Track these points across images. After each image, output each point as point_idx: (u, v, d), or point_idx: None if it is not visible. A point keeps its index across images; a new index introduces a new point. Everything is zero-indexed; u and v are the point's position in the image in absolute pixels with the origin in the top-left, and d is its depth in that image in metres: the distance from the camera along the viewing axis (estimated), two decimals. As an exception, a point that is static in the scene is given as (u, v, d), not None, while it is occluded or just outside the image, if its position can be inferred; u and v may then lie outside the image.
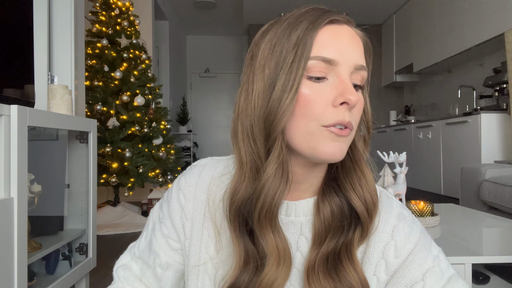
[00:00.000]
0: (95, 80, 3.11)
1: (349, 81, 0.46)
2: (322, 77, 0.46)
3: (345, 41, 0.46)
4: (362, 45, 0.49)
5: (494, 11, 3.33)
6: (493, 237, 1.39)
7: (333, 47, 0.45)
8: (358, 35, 0.49)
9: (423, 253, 0.51)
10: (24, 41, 1.50)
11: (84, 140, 1.66)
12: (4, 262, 1.01)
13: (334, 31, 0.46)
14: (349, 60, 0.46)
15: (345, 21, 0.48)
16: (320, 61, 0.45)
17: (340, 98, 0.45)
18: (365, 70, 0.48)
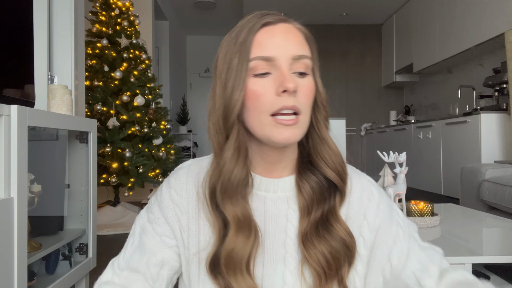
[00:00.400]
0: (95, 80, 3.11)
1: (288, 71, 0.53)
2: (266, 73, 0.53)
3: (279, 38, 0.54)
4: (301, 37, 0.56)
5: (494, 11, 3.33)
6: (493, 237, 1.39)
7: (269, 45, 0.53)
8: (296, 29, 0.56)
9: (397, 210, 0.64)
10: (24, 41, 1.50)
11: (84, 140, 1.66)
12: (4, 262, 1.01)
13: (269, 31, 0.54)
14: (286, 54, 0.53)
15: (280, 20, 0.56)
16: (260, 60, 0.53)
17: (280, 87, 0.52)
18: (306, 58, 0.55)
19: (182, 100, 6.44)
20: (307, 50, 0.56)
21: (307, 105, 0.55)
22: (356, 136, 6.00)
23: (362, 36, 6.10)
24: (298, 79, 0.54)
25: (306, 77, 0.55)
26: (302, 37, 0.57)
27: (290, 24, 0.57)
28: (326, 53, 6.10)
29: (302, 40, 0.56)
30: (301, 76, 0.55)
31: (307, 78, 0.56)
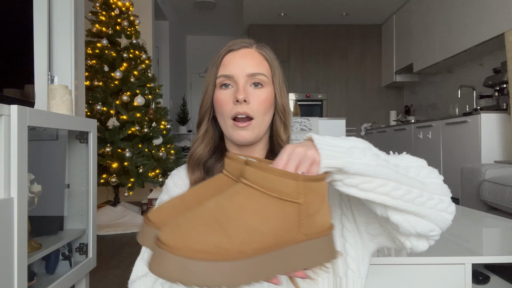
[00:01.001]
0: (95, 80, 3.11)
1: (242, 85, 0.69)
2: (227, 85, 0.71)
3: (237, 60, 0.71)
4: (259, 59, 0.73)
5: (494, 11, 3.33)
6: (493, 237, 1.39)
7: (230, 66, 0.71)
8: (256, 52, 0.73)
9: None
10: (24, 41, 1.50)
11: (84, 140, 1.66)
12: (4, 262, 1.01)
13: (231, 56, 0.72)
14: (242, 72, 0.70)
15: (243, 47, 0.73)
16: (222, 77, 0.71)
17: (235, 98, 0.69)
18: (261, 75, 0.71)
19: (182, 100, 6.44)
20: (263, 68, 0.72)
21: (260, 111, 0.70)
22: (356, 136, 6.00)
23: (362, 36, 6.10)
24: (253, 90, 0.70)
25: (262, 88, 0.71)
26: (261, 58, 0.73)
27: (252, 49, 0.74)
28: (326, 53, 6.10)
29: (259, 61, 0.72)
30: (257, 88, 0.71)
31: (262, 89, 0.71)
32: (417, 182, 0.56)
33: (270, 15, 5.71)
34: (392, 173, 0.54)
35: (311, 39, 6.09)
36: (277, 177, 0.46)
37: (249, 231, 0.44)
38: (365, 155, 0.53)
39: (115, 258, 2.29)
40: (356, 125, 5.99)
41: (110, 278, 1.95)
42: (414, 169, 0.58)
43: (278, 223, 0.46)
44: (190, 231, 0.43)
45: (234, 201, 0.46)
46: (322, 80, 6.08)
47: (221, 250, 0.42)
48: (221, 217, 0.44)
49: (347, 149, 0.53)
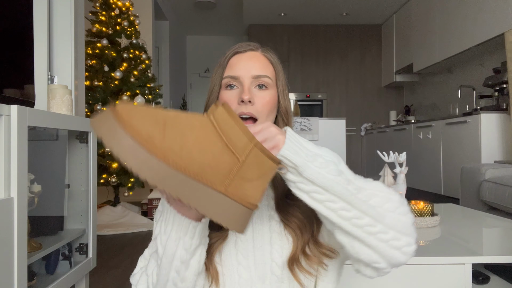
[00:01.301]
0: (95, 80, 3.11)
1: (247, 86, 0.70)
2: (233, 86, 0.72)
3: (243, 62, 0.73)
4: (264, 61, 0.74)
5: (494, 11, 3.33)
6: (493, 237, 1.39)
7: (235, 68, 0.72)
8: (262, 55, 0.75)
9: None
10: (24, 41, 1.50)
11: (84, 140, 1.66)
12: (4, 262, 1.01)
13: (237, 58, 0.74)
14: (248, 73, 0.71)
15: (249, 49, 0.74)
16: (228, 78, 0.72)
17: (239, 98, 0.70)
18: (266, 77, 0.72)
19: (182, 100, 6.45)
20: (268, 71, 0.73)
21: (264, 112, 0.71)
22: (356, 136, 6.00)
23: (362, 36, 6.10)
24: (258, 92, 0.71)
25: (266, 90, 0.72)
26: (266, 61, 0.75)
27: (258, 52, 0.75)
28: (326, 53, 6.10)
29: (264, 63, 0.74)
30: (261, 89, 0.72)
31: (266, 91, 0.72)
32: (373, 211, 0.55)
33: (270, 15, 5.71)
34: (346, 193, 0.54)
35: (311, 39, 6.09)
36: (237, 128, 0.49)
37: (182, 147, 0.47)
38: (327, 167, 0.54)
39: (115, 258, 2.29)
40: (356, 125, 5.99)
41: (110, 278, 1.95)
42: (378, 199, 0.57)
43: (210, 161, 0.48)
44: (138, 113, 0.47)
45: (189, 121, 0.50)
46: (322, 80, 6.08)
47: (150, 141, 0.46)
48: (169, 122, 0.48)
49: (312, 154, 0.54)
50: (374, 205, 0.56)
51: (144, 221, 3.19)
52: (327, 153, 0.56)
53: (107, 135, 0.46)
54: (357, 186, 0.56)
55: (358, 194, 0.55)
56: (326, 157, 0.55)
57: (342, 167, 0.56)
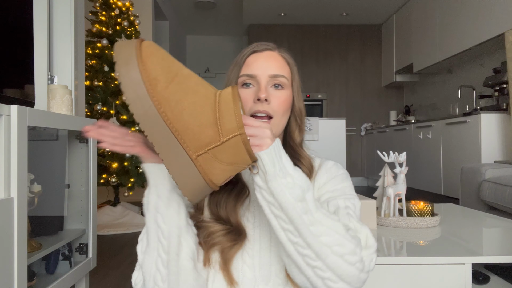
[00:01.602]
0: (95, 80, 3.11)
1: (264, 85, 0.71)
2: (249, 84, 0.73)
3: (261, 62, 0.73)
4: (281, 62, 0.75)
5: (494, 11, 3.33)
6: (493, 237, 1.39)
7: (253, 67, 0.73)
8: (279, 55, 0.75)
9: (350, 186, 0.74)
10: (24, 41, 1.50)
11: (84, 140, 1.66)
12: (4, 262, 1.01)
13: (255, 57, 0.74)
14: (265, 73, 0.72)
15: (266, 49, 0.75)
16: (245, 76, 0.73)
17: (256, 96, 0.70)
18: (282, 77, 0.73)
19: (182, 100, 6.44)
20: (285, 71, 0.74)
21: (279, 112, 0.72)
22: (356, 136, 6.00)
23: (362, 36, 6.10)
24: (274, 91, 0.72)
25: (282, 90, 0.73)
26: (283, 61, 0.75)
27: (275, 52, 0.76)
28: (326, 53, 6.10)
29: (281, 64, 0.75)
30: (277, 89, 0.73)
31: (282, 91, 0.73)
32: (319, 247, 0.56)
33: (270, 15, 5.71)
34: (299, 221, 0.55)
35: (311, 39, 6.09)
36: (232, 112, 0.52)
37: (177, 103, 0.51)
38: (292, 188, 0.55)
39: (115, 258, 2.29)
40: (356, 125, 5.99)
41: (110, 278, 1.95)
42: (330, 239, 0.57)
43: (195, 127, 0.51)
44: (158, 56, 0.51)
45: (196, 86, 0.53)
46: (322, 80, 6.08)
47: (153, 84, 0.50)
48: (179, 77, 0.52)
49: (285, 171, 0.55)
50: (322, 242, 0.56)
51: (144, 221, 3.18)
52: (300, 178, 0.57)
53: (122, 61, 0.50)
54: (314, 219, 0.56)
55: (311, 227, 0.56)
56: (296, 180, 0.56)
57: (308, 196, 0.56)
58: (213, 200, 0.70)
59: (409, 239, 1.26)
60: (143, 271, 0.66)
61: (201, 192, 0.54)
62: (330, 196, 0.70)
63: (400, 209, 1.45)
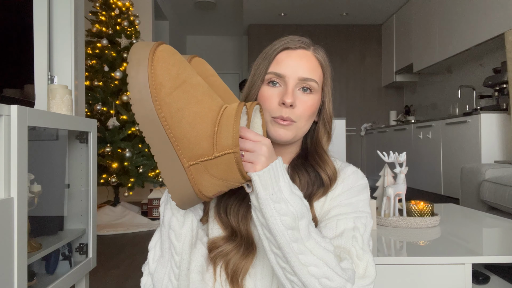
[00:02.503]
0: (95, 80, 3.11)
1: (292, 88, 0.66)
2: (276, 83, 0.68)
3: (292, 61, 0.68)
4: (314, 63, 0.70)
5: (494, 11, 3.33)
6: (493, 237, 1.39)
7: (283, 65, 0.68)
8: (313, 56, 0.71)
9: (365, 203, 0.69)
10: (24, 41, 1.50)
11: (84, 140, 1.66)
12: (4, 262, 1.01)
13: (287, 54, 0.69)
14: (294, 74, 0.67)
15: (300, 47, 0.71)
16: (273, 75, 0.68)
17: (281, 99, 0.66)
18: (313, 81, 0.68)
19: (182, 100, 6.44)
20: (316, 75, 0.69)
21: (304, 117, 0.68)
22: (356, 136, 6.00)
23: (362, 36, 6.10)
24: (301, 95, 0.68)
25: (310, 95, 0.68)
26: (316, 63, 0.71)
27: (309, 51, 0.71)
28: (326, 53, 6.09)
29: (314, 65, 0.70)
30: (305, 93, 0.68)
31: (310, 96, 0.68)
32: (306, 277, 0.55)
33: (270, 15, 5.71)
34: (287, 249, 0.54)
35: (311, 39, 6.07)
36: (231, 129, 0.51)
37: (178, 110, 0.51)
38: (284, 215, 0.53)
39: (115, 258, 2.29)
40: (356, 125, 5.99)
41: (110, 278, 1.95)
42: (318, 270, 0.55)
43: (191, 137, 0.52)
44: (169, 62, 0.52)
45: (202, 96, 0.53)
46: (322, 80, 6.08)
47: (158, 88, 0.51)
48: (186, 85, 0.52)
49: (279, 196, 0.53)
50: (310, 273, 0.54)
51: (144, 221, 3.19)
52: (296, 203, 0.54)
53: (134, 62, 0.51)
54: (304, 248, 0.55)
55: (300, 255, 0.54)
56: (291, 206, 0.53)
57: (302, 223, 0.54)
58: (223, 206, 0.67)
59: (409, 239, 1.26)
60: (154, 280, 0.64)
61: (189, 200, 0.54)
62: (340, 213, 0.66)
63: (400, 209, 1.45)
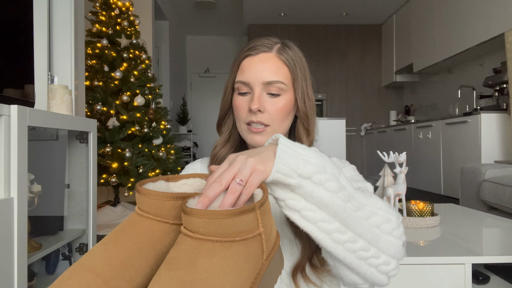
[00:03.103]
0: (95, 80, 3.11)
1: (258, 94, 0.67)
2: (245, 92, 0.69)
3: (254, 67, 0.67)
4: (278, 65, 0.68)
5: (494, 11, 3.33)
6: (493, 237, 1.39)
7: (246, 73, 0.68)
8: (276, 57, 0.69)
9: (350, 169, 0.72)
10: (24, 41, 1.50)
11: (84, 140, 1.66)
12: (4, 262, 1.01)
13: (248, 61, 0.69)
14: (258, 80, 0.67)
15: (262, 51, 0.69)
16: (240, 83, 0.69)
17: (248, 107, 0.68)
18: (277, 83, 0.67)
19: (182, 100, 6.44)
20: (281, 75, 0.68)
21: (277, 119, 0.68)
22: (356, 136, 6.00)
23: (362, 36, 6.10)
24: (269, 99, 0.68)
25: (279, 97, 0.68)
26: (280, 63, 0.69)
27: (272, 53, 0.69)
28: (326, 53, 6.09)
29: (277, 67, 0.68)
30: (273, 97, 0.68)
31: (280, 98, 0.68)
32: (370, 233, 0.50)
33: (270, 15, 5.71)
34: (343, 213, 0.48)
35: (311, 39, 6.09)
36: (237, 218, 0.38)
37: None
38: (326, 182, 0.47)
39: (115, 258, 2.28)
40: (356, 125, 5.99)
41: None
42: (378, 218, 0.51)
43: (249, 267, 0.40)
44: None
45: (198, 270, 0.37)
46: (322, 80, 6.08)
47: None
48: None
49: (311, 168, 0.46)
50: (371, 225, 0.50)
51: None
52: (325, 163, 0.48)
53: None
54: (357, 203, 0.50)
55: (357, 212, 0.49)
56: (326, 169, 0.47)
57: (342, 179, 0.49)
58: None
59: (409, 239, 1.26)
60: None
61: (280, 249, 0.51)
62: None
63: (400, 209, 1.45)
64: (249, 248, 0.40)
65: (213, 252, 0.38)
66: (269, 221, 0.43)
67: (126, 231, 0.44)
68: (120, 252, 0.42)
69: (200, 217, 0.37)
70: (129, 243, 0.43)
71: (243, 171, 0.43)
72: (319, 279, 0.64)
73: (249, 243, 0.40)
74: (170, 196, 0.43)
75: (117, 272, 0.41)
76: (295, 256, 0.64)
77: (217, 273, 0.37)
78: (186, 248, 0.38)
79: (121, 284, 0.41)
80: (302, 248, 0.63)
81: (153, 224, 0.44)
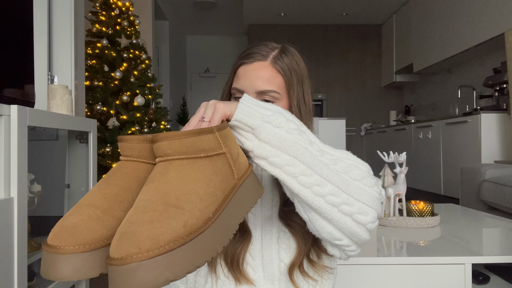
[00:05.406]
0: (95, 80, 3.11)
1: None
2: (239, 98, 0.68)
3: (248, 75, 0.68)
4: (272, 73, 0.68)
5: (494, 11, 3.33)
6: (493, 237, 1.39)
7: (241, 81, 0.68)
8: (270, 66, 0.68)
9: None
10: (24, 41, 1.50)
11: (84, 140, 1.66)
12: (4, 262, 1.01)
13: (243, 69, 0.69)
14: (252, 89, 0.67)
15: (256, 59, 0.68)
16: (235, 90, 0.69)
17: None
18: (271, 92, 0.67)
19: (182, 100, 6.44)
20: (275, 85, 0.68)
21: None
22: (356, 136, 6.00)
23: (362, 36, 6.10)
24: None
25: (277, 102, 0.69)
26: (274, 72, 0.68)
27: (266, 61, 0.68)
28: (326, 53, 6.09)
29: (271, 76, 0.68)
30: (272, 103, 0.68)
31: None
32: (337, 177, 0.51)
33: (270, 15, 5.71)
34: (307, 155, 0.50)
35: (311, 39, 6.09)
36: (197, 137, 0.45)
37: (201, 198, 0.43)
38: (286, 125, 0.51)
39: (115, 258, 2.28)
40: (356, 125, 5.99)
41: (110, 278, 1.95)
42: (344, 164, 0.53)
43: (218, 179, 0.46)
44: (149, 230, 0.38)
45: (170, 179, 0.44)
46: (322, 80, 6.08)
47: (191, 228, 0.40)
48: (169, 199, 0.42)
49: (270, 114, 0.52)
50: (338, 171, 0.52)
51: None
52: (285, 113, 0.54)
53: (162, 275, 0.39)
54: (321, 149, 0.53)
55: (321, 157, 0.51)
56: (286, 116, 0.53)
57: (304, 129, 0.53)
58: None
59: (409, 239, 1.26)
60: None
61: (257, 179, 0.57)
62: None
63: (400, 209, 1.45)
64: (214, 163, 0.47)
65: (181, 166, 0.45)
66: (234, 147, 0.50)
67: (115, 173, 0.51)
68: (113, 189, 0.49)
69: (164, 140, 0.45)
70: (119, 181, 0.50)
71: (207, 111, 0.51)
72: (317, 273, 0.66)
73: (214, 159, 0.47)
74: (149, 139, 0.50)
75: (113, 203, 0.48)
76: (293, 249, 0.65)
77: (187, 180, 0.44)
78: (158, 169, 0.45)
79: (118, 213, 0.47)
80: (298, 244, 0.65)
81: (137, 164, 0.51)
